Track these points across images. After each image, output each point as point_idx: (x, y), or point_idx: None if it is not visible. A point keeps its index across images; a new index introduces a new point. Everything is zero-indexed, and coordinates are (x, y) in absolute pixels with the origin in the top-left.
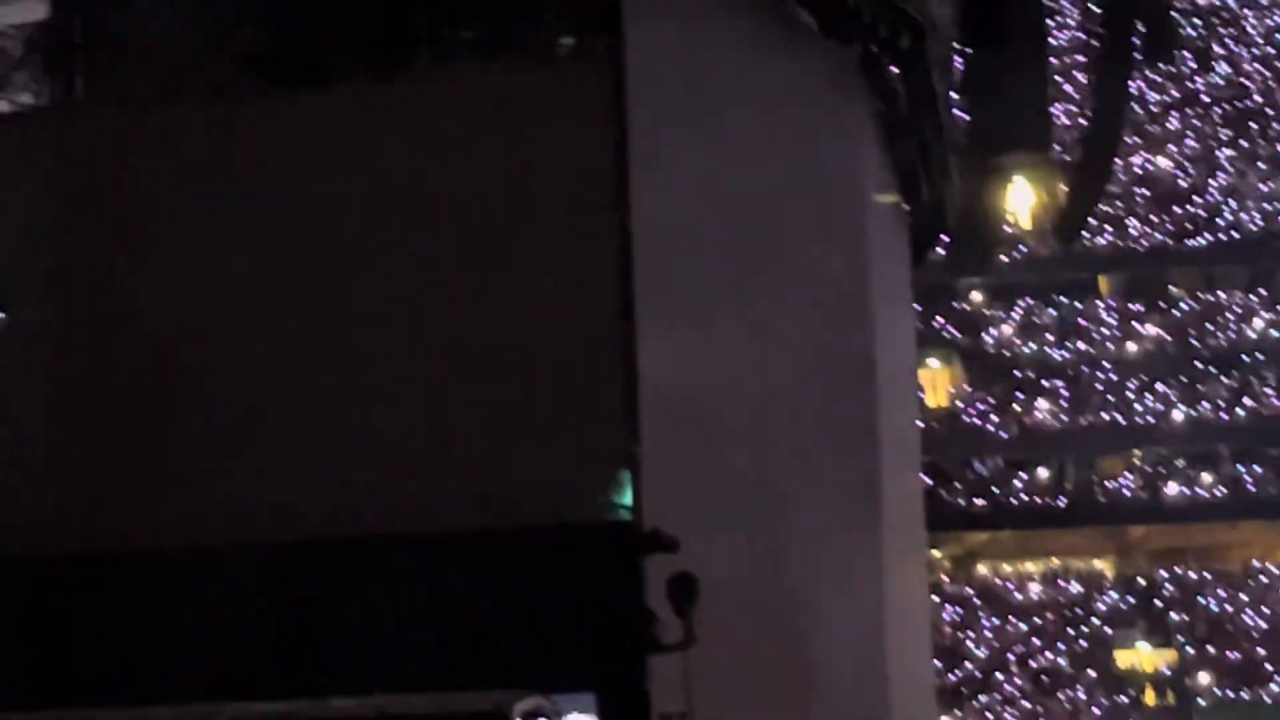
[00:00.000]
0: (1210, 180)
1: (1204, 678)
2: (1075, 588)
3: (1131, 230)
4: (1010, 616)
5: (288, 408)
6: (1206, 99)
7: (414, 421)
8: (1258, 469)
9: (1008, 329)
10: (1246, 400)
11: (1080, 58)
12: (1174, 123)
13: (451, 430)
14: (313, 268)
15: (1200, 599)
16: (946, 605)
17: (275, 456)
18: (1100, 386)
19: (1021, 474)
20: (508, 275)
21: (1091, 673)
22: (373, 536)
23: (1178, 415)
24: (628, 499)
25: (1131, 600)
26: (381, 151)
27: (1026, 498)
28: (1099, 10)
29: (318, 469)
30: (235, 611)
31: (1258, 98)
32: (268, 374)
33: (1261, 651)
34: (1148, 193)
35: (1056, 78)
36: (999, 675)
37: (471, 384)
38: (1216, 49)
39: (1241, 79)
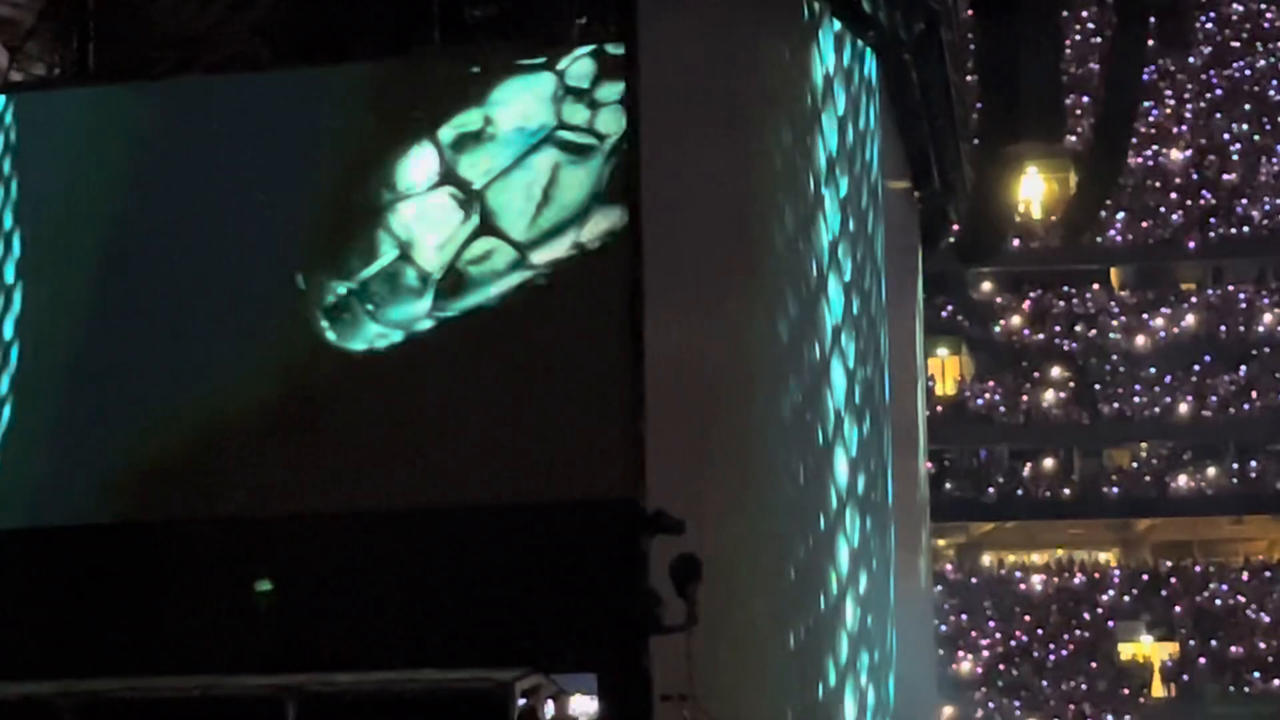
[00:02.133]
0: (1222, 174)
1: (1206, 671)
2: (1080, 579)
3: (1142, 223)
4: (1014, 607)
5: (296, 382)
6: (1220, 91)
7: (422, 397)
8: (1264, 463)
9: (1017, 319)
10: (1254, 394)
11: (1095, 47)
12: (1187, 115)
13: (458, 407)
14: (321, 238)
15: (1204, 592)
16: (951, 595)
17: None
18: (1108, 378)
19: (1028, 464)
20: None
21: (1094, 664)
22: (372, 512)
23: (1185, 408)
24: (632, 478)
25: (1135, 592)
26: (392, 125)
27: (1032, 488)
28: (1114, 1)
29: (332, 444)
30: (235, 586)
31: (1272, 92)
32: (272, 346)
33: (1263, 646)
34: (1159, 185)
35: (1070, 68)
36: (1002, 665)
37: (479, 360)
38: (1231, 42)
39: (1255, 73)
